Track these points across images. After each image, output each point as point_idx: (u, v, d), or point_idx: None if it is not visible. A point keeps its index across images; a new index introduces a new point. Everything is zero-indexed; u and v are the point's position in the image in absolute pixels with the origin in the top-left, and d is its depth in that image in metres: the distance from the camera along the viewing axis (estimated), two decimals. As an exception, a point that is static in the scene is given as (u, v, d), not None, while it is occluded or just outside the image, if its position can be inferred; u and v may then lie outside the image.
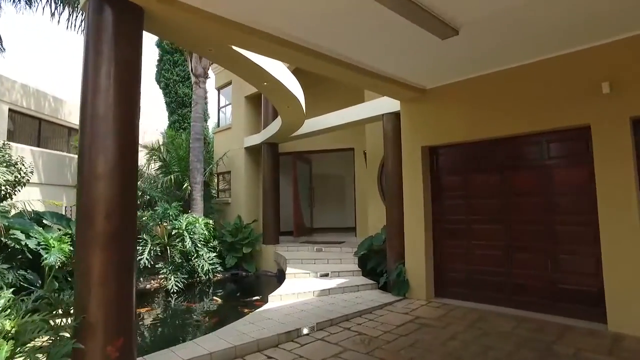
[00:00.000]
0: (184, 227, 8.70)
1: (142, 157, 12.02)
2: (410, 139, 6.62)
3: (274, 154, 10.97)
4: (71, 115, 12.52)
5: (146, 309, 7.40)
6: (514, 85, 5.33)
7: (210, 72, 16.25)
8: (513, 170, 5.59)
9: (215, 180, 13.30)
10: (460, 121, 5.88)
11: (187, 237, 8.55)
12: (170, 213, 9.20)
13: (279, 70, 6.12)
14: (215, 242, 10.36)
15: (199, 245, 8.96)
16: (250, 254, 10.76)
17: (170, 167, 11.70)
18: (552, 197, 5.19)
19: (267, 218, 10.78)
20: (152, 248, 8.26)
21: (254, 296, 8.26)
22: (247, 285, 9.87)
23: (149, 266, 8.12)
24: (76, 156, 12.31)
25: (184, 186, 10.64)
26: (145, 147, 11.36)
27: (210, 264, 9.34)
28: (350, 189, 12.63)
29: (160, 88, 17.87)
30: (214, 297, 8.56)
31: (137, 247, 8.16)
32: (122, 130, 3.26)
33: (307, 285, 6.97)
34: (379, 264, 8.24)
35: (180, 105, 17.51)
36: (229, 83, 12.73)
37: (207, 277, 9.17)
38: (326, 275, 7.65)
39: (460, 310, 5.50)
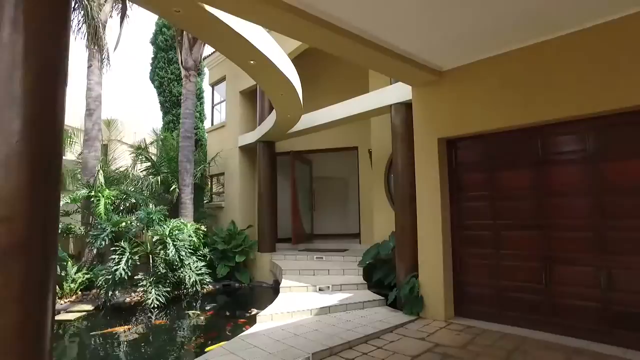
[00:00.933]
0: (167, 234, 7.75)
1: (129, 157, 11.15)
2: (424, 130, 5.67)
3: (271, 153, 10.04)
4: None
5: (124, 327, 6.45)
6: (558, 59, 4.36)
7: (205, 70, 15.41)
8: (552, 164, 4.61)
9: (209, 183, 12.39)
10: (485, 107, 4.93)
11: (171, 244, 7.60)
12: (154, 218, 8.27)
13: (268, 45, 5.19)
14: (206, 250, 9.42)
15: (184, 253, 8.01)
16: (244, 263, 9.80)
17: (158, 168, 10.81)
18: (604, 196, 4.20)
19: (263, 224, 9.83)
20: (130, 257, 7.32)
21: (247, 310, 7.28)
22: (239, 298, 8.90)
23: (126, 277, 7.17)
24: None
25: (172, 188, 9.72)
26: (132, 147, 10.48)
27: (198, 274, 8.39)
28: (354, 191, 11.66)
29: (154, 87, 17.03)
30: (198, 312, 7.59)
31: (114, 257, 7.26)
32: (33, 102, 2.33)
33: (304, 301, 6.00)
34: (386, 275, 7.28)
35: (175, 104, 16.63)
36: (223, 78, 11.86)
37: (195, 289, 8.20)
38: (326, 289, 6.67)
39: (488, 336, 4.50)
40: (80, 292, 7.71)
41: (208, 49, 11.70)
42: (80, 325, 6.53)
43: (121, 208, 9.69)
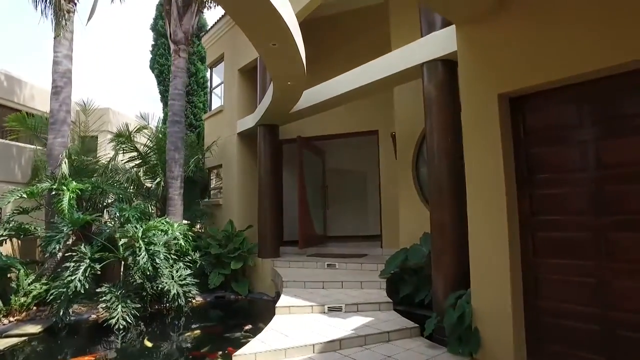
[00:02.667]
0: (139, 236, 6.19)
1: (109, 147, 9.72)
2: (476, 87, 3.92)
3: (273, 139, 8.40)
4: (34, 101, 10.37)
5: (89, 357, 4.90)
6: None
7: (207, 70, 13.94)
8: None
9: (208, 178, 10.86)
10: (584, 35, 3.15)
11: (142, 248, 6.03)
12: (129, 215, 6.74)
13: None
14: (196, 255, 7.85)
15: (166, 259, 6.44)
16: (242, 271, 8.19)
17: (145, 158, 9.33)
18: None
19: (264, 223, 8.20)
20: (90, 265, 5.78)
21: (241, 329, 5.65)
22: (232, 315, 7.27)
23: (82, 291, 5.63)
24: (28, 145, 10.12)
25: (156, 181, 8.21)
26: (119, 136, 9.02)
27: (181, 284, 6.81)
28: (374, 186, 9.93)
29: (154, 76, 15.73)
30: (180, 332, 6.01)
31: (68, 264, 5.74)
32: None
33: (305, 329, 4.32)
34: (418, 290, 5.57)
35: (176, 94, 15.25)
36: (221, 58, 10.31)
37: (177, 303, 6.62)
38: (338, 309, 4.98)
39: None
40: (35, 308, 6.23)
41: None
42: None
43: (100, 206, 8.24)
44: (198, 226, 10.58)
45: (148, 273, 5.98)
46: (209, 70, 11.56)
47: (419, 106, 6.53)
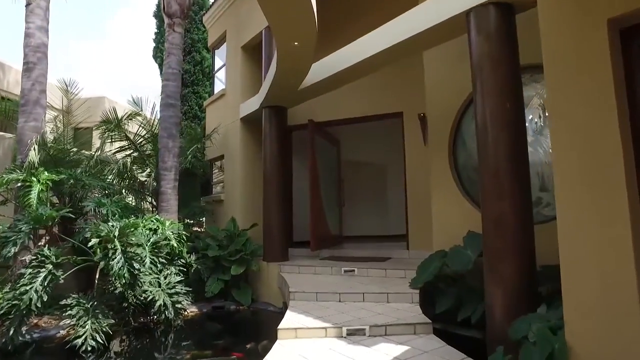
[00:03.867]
0: (115, 235, 5.08)
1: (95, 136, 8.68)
2: (568, 10, 2.65)
3: (280, 123, 7.23)
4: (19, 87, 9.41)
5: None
6: None
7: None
8: None
9: (208, 169, 9.76)
10: None
11: (118, 251, 4.91)
12: (107, 212, 5.66)
13: None
14: (192, 258, 6.73)
15: (142, 263, 5.32)
16: (244, 276, 7.04)
17: (138, 149, 8.27)
18: None
19: (270, 222, 7.03)
20: (52, 272, 4.69)
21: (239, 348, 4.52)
22: (231, 330, 6.13)
23: (39, 304, 4.54)
24: (6, 134, 9.15)
25: (145, 172, 7.14)
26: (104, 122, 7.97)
27: (170, 294, 5.69)
28: (396, 178, 8.71)
29: (157, 65, 14.75)
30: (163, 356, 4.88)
31: (24, 270, 4.66)
32: None
33: (315, 366, 3.12)
34: (461, 304, 4.36)
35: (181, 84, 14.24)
36: (224, 37, 9.19)
37: (165, 317, 5.49)
38: (360, 332, 3.76)
39: None
40: (-7, 321, 5.18)
41: None
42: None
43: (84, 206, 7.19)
44: (198, 225, 9.52)
45: (124, 281, 4.84)
46: (212, 53, 10.46)
47: (455, 76, 5.31)
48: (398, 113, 7.17)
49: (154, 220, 6.45)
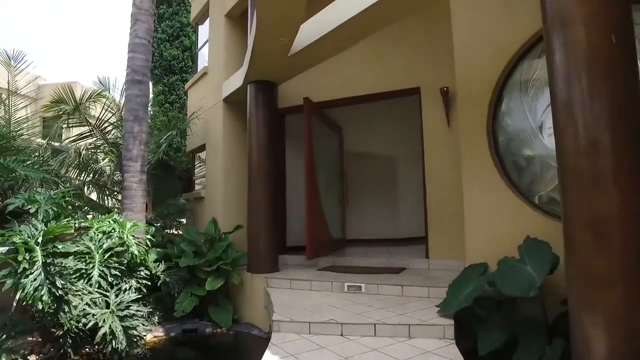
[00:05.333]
0: (38, 242, 3.75)
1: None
2: None
3: (269, 102, 5.89)
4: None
5: None
6: None
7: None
8: None
9: (190, 162, 8.44)
10: None
11: (39, 262, 3.58)
12: (39, 211, 4.34)
13: None
14: (159, 268, 5.42)
15: (69, 279, 4.00)
16: (225, 291, 5.72)
17: (105, 136, 6.97)
18: None
19: (257, 224, 5.70)
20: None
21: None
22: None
23: None
24: None
25: (101, 162, 5.84)
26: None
27: (123, 317, 4.37)
28: (412, 170, 7.38)
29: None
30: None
31: None
32: None
33: None
34: (518, 341, 3.02)
35: (167, 71, 13.02)
36: (207, 8, 7.85)
37: (112, 347, 4.16)
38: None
39: None
40: None
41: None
42: None
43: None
44: (179, 227, 8.19)
45: (41, 306, 3.50)
46: (195, 29, 9.15)
47: (499, 28, 3.97)
48: (414, 89, 5.81)
49: (112, 222, 5.16)
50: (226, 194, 6.64)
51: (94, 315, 4.16)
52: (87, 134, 6.77)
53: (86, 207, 6.30)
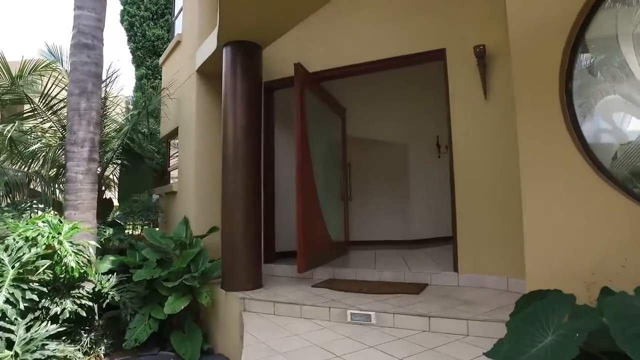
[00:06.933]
0: None
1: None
2: None
3: (251, 69, 4.56)
4: None
5: None
6: None
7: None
8: None
9: (164, 151, 7.16)
10: None
11: None
12: None
13: None
14: (110, 282, 4.17)
15: None
16: (191, 313, 4.44)
17: (54, 114, 5.70)
18: None
19: (233, 227, 4.38)
20: None
21: None
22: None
23: None
24: None
25: (33, 148, 4.57)
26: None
27: (29, 350, 3.11)
28: (427, 158, 6.07)
29: (124, 30, 12.21)
30: None
31: None
32: None
33: None
34: None
35: (150, 52, 11.71)
36: (184, -36, 6.53)
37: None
38: None
39: None
40: None
41: None
42: None
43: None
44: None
45: None
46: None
47: None
48: (437, 51, 4.46)
49: (42, 224, 3.92)
50: (199, 188, 5.35)
51: (-12, 359, 2.92)
52: (29, 113, 5.48)
53: (24, 205, 5.05)
